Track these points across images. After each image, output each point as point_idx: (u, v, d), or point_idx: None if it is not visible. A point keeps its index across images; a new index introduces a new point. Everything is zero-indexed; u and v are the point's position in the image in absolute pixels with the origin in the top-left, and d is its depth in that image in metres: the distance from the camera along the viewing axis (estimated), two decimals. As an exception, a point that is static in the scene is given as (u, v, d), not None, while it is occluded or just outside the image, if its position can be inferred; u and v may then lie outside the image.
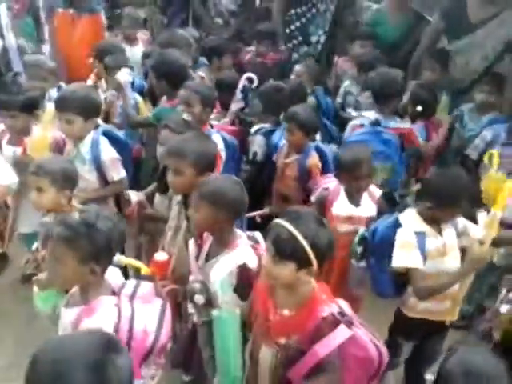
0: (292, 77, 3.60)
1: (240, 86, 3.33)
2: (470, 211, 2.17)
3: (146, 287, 1.66)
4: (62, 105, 2.44)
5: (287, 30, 4.04)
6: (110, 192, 2.60)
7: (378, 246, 2.14)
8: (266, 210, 2.90)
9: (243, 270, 1.82)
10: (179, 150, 2.12)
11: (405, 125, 3.09)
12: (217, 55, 3.72)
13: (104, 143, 2.52)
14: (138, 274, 1.89)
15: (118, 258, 1.75)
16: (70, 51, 3.93)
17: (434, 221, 2.05)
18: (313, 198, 2.56)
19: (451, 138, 3.35)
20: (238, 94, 3.40)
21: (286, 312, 1.71)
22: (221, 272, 1.82)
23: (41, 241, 2.25)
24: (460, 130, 3.34)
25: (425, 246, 2.01)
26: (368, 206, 2.43)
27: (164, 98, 3.11)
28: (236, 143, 2.90)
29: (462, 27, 3.33)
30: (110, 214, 1.63)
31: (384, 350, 1.65)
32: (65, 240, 1.52)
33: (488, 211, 2.05)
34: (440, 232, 2.07)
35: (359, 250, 2.30)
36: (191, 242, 2.03)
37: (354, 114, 3.56)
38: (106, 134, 2.57)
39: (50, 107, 2.71)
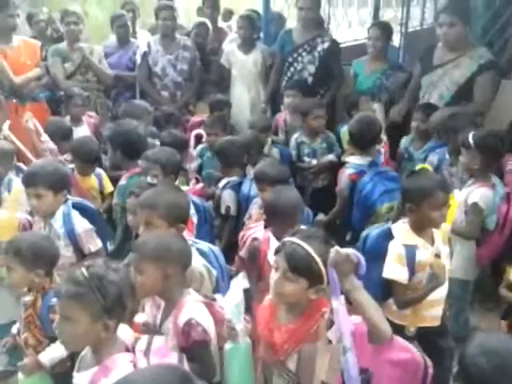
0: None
1: (192, 144, 3.43)
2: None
3: (160, 341, 1.59)
4: (31, 180, 2.39)
5: None
6: None
7: (368, 253, 2.18)
8: None
9: (190, 327, 1.71)
10: (150, 202, 2.11)
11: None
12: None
13: (76, 216, 2.47)
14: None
15: None
16: (18, 138, 3.87)
17: (424, 229, 2.15)
18: (243, 253, 2.45)
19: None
20: (193, 152, 3.49)
21: (290, 326, 1.69)
22: (233, 299, 1.77)
23: (23, 323, 2.11)
24: (408, 164, 3.55)
25: (415, 259, 2.11)
26: None
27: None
28: (207, 205, 2.89)
29: (428, 68, 3.65)
30: (117, 266, 1.57)
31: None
32: (75, 297, 1.46)
33: None
34: (433, 242, 2.16)
35: None
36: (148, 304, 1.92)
37: (313, 162, 3.67)
38: (74, 205, 2.51)
39: (16, 186, 2.62)
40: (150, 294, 1.87)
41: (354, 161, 3.10)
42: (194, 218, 2.63)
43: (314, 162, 3.67)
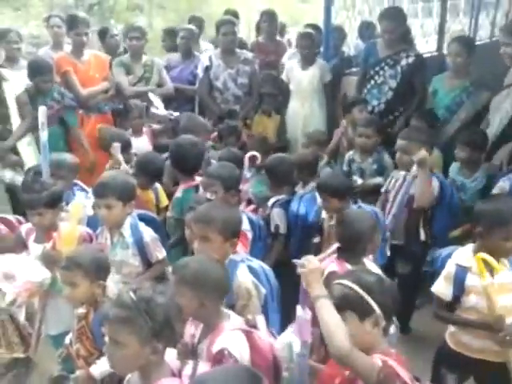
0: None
1: (246, 165, 3.43)
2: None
3: (204, 368, 1.59)
4: (101, 191, 2.48)
5: None
6: (157, 272, 2.56)
7: (438, 271, 2.24)
8: None
9: (222, 357, 1.67)
10: (205, 217, 2.14)
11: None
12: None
13: (142, 225, 2.57)
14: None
15: None
16: (77, 148, 4.03)
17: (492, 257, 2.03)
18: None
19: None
20: (247, 174, 3.48)
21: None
22: (284, 337, 1.76)
23: (75, 334, 2.19)
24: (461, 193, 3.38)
25: (464, 281, 2.09)
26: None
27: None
28: (262, 223, 2.88)
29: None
30: (163, 289, 1.59)
31: None
32: (123, 321, 1.48)
33: None
34: (492, 272, 2.03)
35: None
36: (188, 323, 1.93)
37: (359, 181, 3.55)
38: (139, 216, 2.62)
39: (77, 200, 2.73)
40: (189, 317, 1.89)
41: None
42: (249, 234, 2.64)
43: (360, 181, 3.55)
